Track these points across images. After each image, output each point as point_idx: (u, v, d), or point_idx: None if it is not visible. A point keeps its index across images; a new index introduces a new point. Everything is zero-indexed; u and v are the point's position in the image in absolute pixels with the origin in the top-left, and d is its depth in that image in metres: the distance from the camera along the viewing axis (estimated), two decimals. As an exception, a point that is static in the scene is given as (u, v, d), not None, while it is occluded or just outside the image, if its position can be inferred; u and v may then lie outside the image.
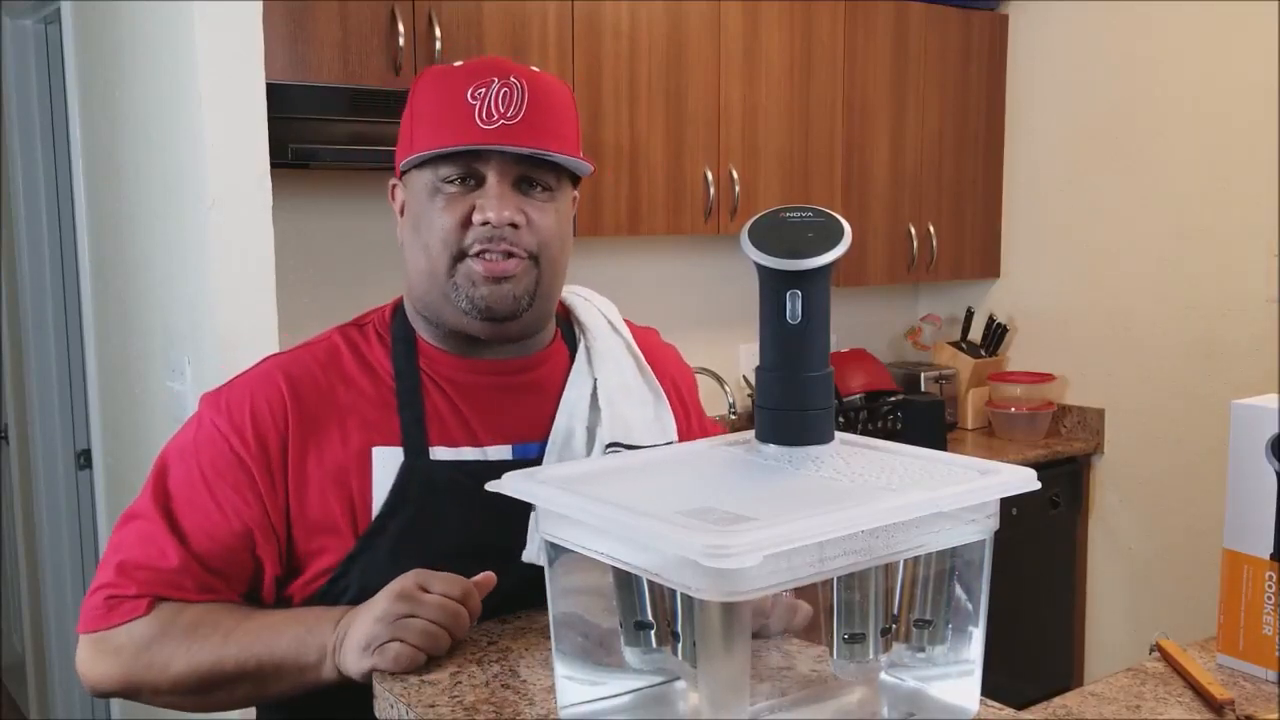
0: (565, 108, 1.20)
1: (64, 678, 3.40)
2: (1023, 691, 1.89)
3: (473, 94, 1.14)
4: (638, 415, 1.27)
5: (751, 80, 2.98)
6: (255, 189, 2.00)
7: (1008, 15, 3.56)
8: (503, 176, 1.16)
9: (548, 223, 1.19)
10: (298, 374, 1.19)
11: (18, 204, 3.34)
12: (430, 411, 1.19)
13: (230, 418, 1.16)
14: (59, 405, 3.35)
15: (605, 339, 1.31)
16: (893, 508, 0.79)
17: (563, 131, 1.18)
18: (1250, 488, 1.04)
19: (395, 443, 1.16)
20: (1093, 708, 0.98)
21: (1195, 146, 3.14)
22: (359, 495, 1.15)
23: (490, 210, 1.14)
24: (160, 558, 1.13)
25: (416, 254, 1.19)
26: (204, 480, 1.15)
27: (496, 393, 1.22)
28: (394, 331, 1.24)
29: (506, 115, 1.13)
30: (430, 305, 1.21)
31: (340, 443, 1.16)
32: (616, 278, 3.18)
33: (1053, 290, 3.52)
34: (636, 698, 0.91)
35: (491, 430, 1.20)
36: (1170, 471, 3.25)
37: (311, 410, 1.17)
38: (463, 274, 1.17)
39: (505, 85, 1.14)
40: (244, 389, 1.19)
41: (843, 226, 0.88)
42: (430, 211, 1.17)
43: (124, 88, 2.35)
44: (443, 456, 1.17)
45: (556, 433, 1.22)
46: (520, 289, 1.17)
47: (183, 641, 1.10)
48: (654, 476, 0.93)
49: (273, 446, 1.15)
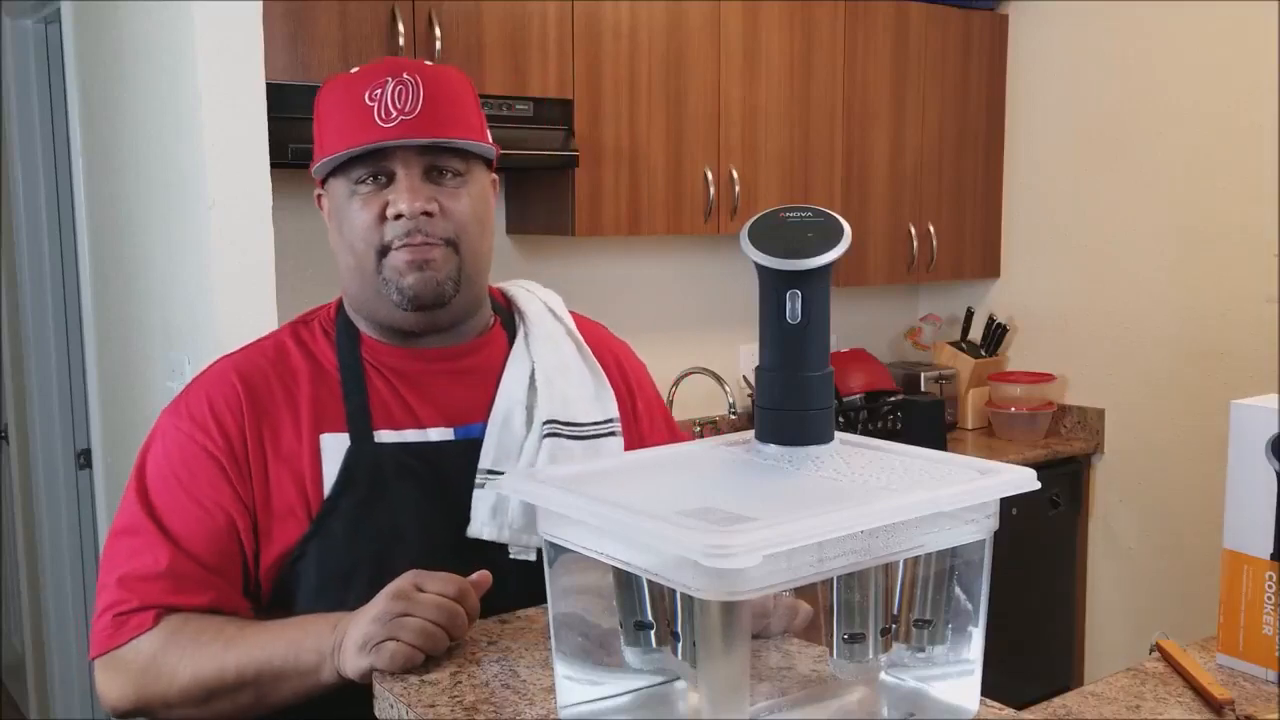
0: (463, 95, 1.24)
1: (64, 678, 3.40)
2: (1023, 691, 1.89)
3: (369, 95, 1.18)
4: (576, 393, 1.30)
5: (751, 80, 2.98)
6: (255, 189, 2.00)
7: (1008, 15, 3.56)
8: (410, 170, 1.20)
9: (461, 208, 1.23)
10: (248, 370, 1.24)
11: (18, 204, 3.34)
12: (374, 398, 1.24)
13: (192, 418, 1.22)
14: (59, 405, 3.35)
15: (544, 324, 1.35)
16: (893, 508, 0.79)
17: (463, 117, 1.22)
18: (1250, 488, 1.04)
19: (341, 429, 1.22)
20: (1093, 708, 0.98)
21: (1195, 146, 3.14)
22: (311, 481, 1.20)
23: (402, 203, 1.19)
24: (156, 564, 1.16)
25: (344, 255, 1.25)
26: (180, 483, 1.19)
27: (437, 378, 1.27)
28: (338, 325, 1.29)
29: (405, 111, 1.18)
30: (364, 303, 1.26)
31: (292, 432, 1.21)
32: (616, 278, 3.18)
33: (1053, 290, 3.52)
34: (636, 698, 0.91)
35: (433, 413, 1.25)
36: (1170, 471, 3.25)
37: (264, 404, 1.22)
38: (389, 267, 1.21)
39: (399, 83, 1.18)
40: (199, 391, 1.24)
41: (843, 226, 0.88)
42: (349, 213, 1.22)
43: (124, 88, 2.35)
44: (387, 439, 1.22)
45: (496, 413, 1.26)
46: (443, 275, 1.22)
47: (187, 651, 1.12)
48: (654, 476, 0.93)
49: (234, 436, 1.20)
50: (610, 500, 0.80)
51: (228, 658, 1.10)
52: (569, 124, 2.66)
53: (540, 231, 2.89)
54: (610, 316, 1.59)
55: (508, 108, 2.53)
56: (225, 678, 1.10)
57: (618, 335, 1.49)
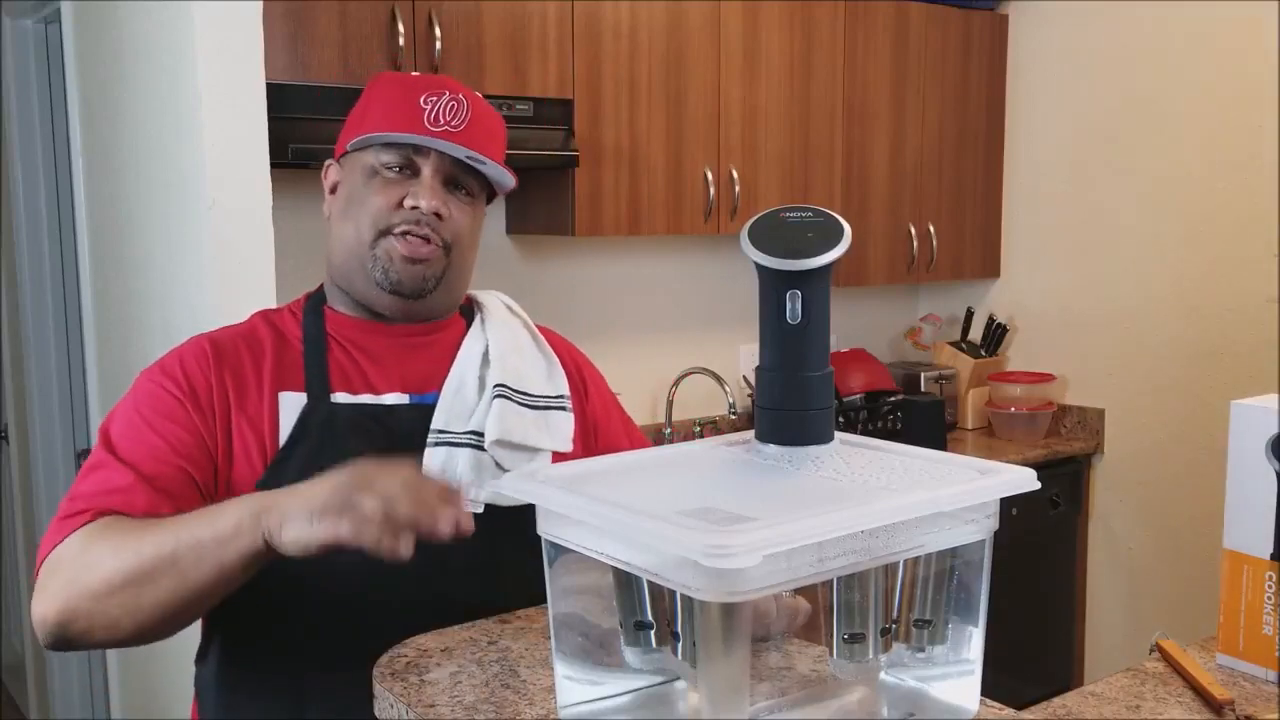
0: (499, 129, 1.37)
1: (64, 678, 3.40)
2: (1023, 691, 1.89)
3: (425, 99, 1.30)
4: (529, 370, 1.39)
5: (751, 80, 2.98)
6: (255, 189, 2.00)
7: (1008, 15, 3.56)
8: (436, 172, 1.31)
9: (464, 220, 1.34)
10: (220, 339, 1.33)
11: (18, 204, 3.34)
12: (332, 364, 1.32)
13: (162, 370, 1.30)
14: (59, 405, 3.35)
15: (501, 314, 1.44)
16: (893, 508, 0.79)
17: (494, 147, 1.34)
18: (1250, 488, 1.04)
19: (299, 389, 1.29)
20: (1093, 708, 0.98)
21: (1195, 146, 3.14)
22: (269, 434, 1.27)
23: (423, 198, 1.29)
24: (109, 481, 1.20)
25: (344, 226, 1.33)
26: (144, 420, 1.25)
27: (396, 350, 1.35)
28: (306, 306, 1.39)
29: (451, 124, 1.29)
30: (346, 275, 1.34)
31: (255, 392, 1.29)
32: (616, 278, 3.18)
33: (1053, 290, 3.52)
34: (636, 698, 0.91)
35: (390, 381, 1.33)
36: (1170, 471, 3.25)
37: (231, 364, 1.30)
38: (383, 249, 1.30)
39: (454, 100, 1.30)
40: (171, 355, 1.33)
41: (842, 226, 0.89)
42: (366, 191, 1.31)
43: (124, 88, 2.35)
44: (342, 400, 1.30)
45: (450, 381, 1.34)
46: (430, 272, 1.32)
47: (111, 540, 1.11)
48: (654, 476, 0.93)
49: (199, 385, 1.27)
50: (610, 500, 0.80)
51: (145, 540, 1.09)
52: (569, 124, 2.66)
53: (540, 231, 2.89)
54: (610, 316, 1.61)
55: (508, 108, 2.53)
56: (143, 559, 1.08)
57: (617, 336, 1.51)
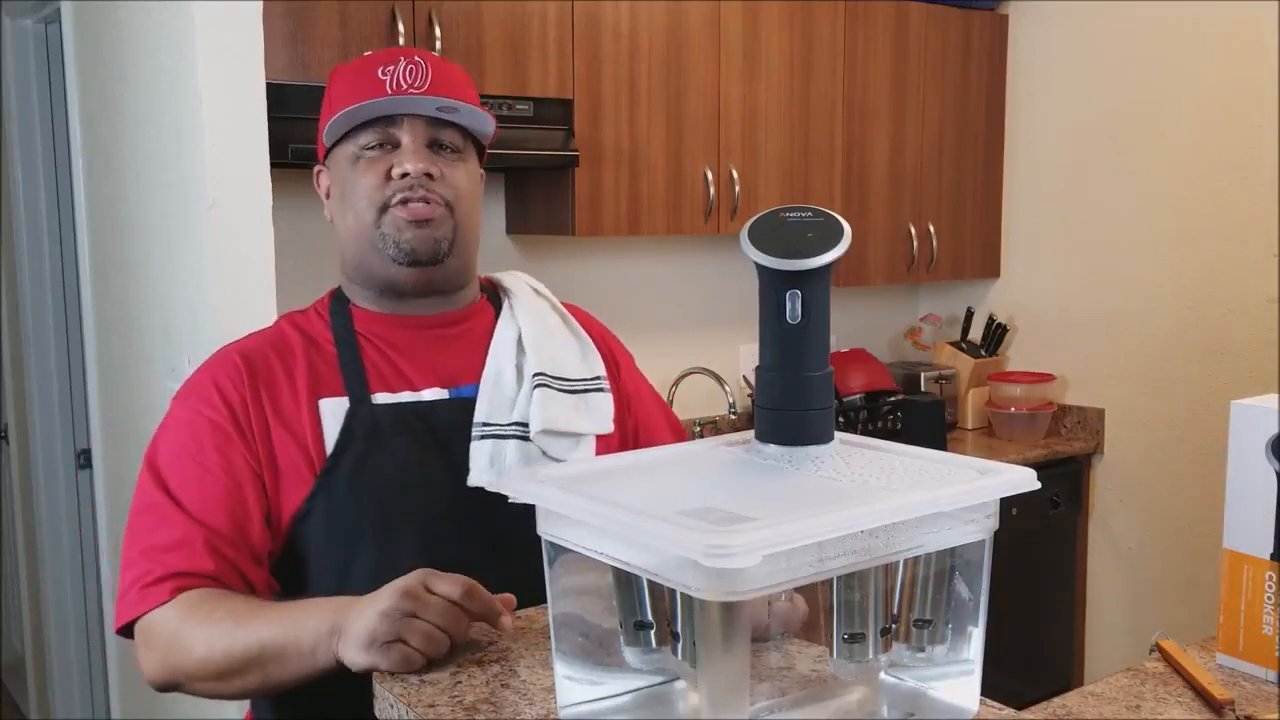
0: (464, 80, 1.35)
1: (64, 677, 3.40)
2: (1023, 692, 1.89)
3: (383, 71, 1.29)
4: (562, 354, 1.38)
5: (751, 80, 2.98)
6: (255, 189, 2.00)
7: (1008, 15, 3.56)
8: (415, 137, 1.29)
9: (458, 177, 1.32)
10: (247, 348, 1.32)
11: (18, 204, 3.34)
12: (368, 365, 1.31)
13: (198, 395, 1.28)
14: (59, 405, 3.35)
15: (528, 297, 1.43)
16: (892, 508, 0.79)
17: (465, 96, 1.32)
18: (1250, 488, 1.04)
19: (339, 393, 1.28)
20: (1093, 708, 0.98)
21: (1195, 146, 3.14)
22: (313, 443, 1.25)
23: (407, 163, 1.28)
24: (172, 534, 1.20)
25: (346, 218, 1.33)
26: (189, 454, 1.25)
27: (428, 344, 1.34)
28: (331, 307, 1.37)
29: (414, 85, 1.28)
30: (361, 264, 1.33)
31: (290, 399, 1.27)
32: (616, 278, 3.18)
33: (1053, 290, 3.52)
34: (636, 698, 0.91)
35: (427, 376, 1.32)
36: (1170, 471, 3.25)
37: (263, 374, 1.28)
38: (389, 223, 1.29)
39: (411, 63, 1.29)
40: (203, 373, 1.31)
41: (842, 226, 0.88)
42: (354, 176, 1.31)
43: (124, 88, 2.35)
44: (383, 401, 1.29)
45: (488, 372, 1.33)
46: (440, 233, 1.30)
47: (200, 627, 1.14)
48: (654, 476, 0.93)
49: (237, 405, 1.26)
50: (610, 500, 0.80)
51: (236, 636, 1.12)
52: (569, 124, 2.66)
53: (540, 231, 2.89)
54: (610, 316, 1.60)
55: (508, 108, 2.53)
56: (233, 655, 1.12)
57: (616, 335, 1.52)
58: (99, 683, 3.28)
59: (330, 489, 1.23)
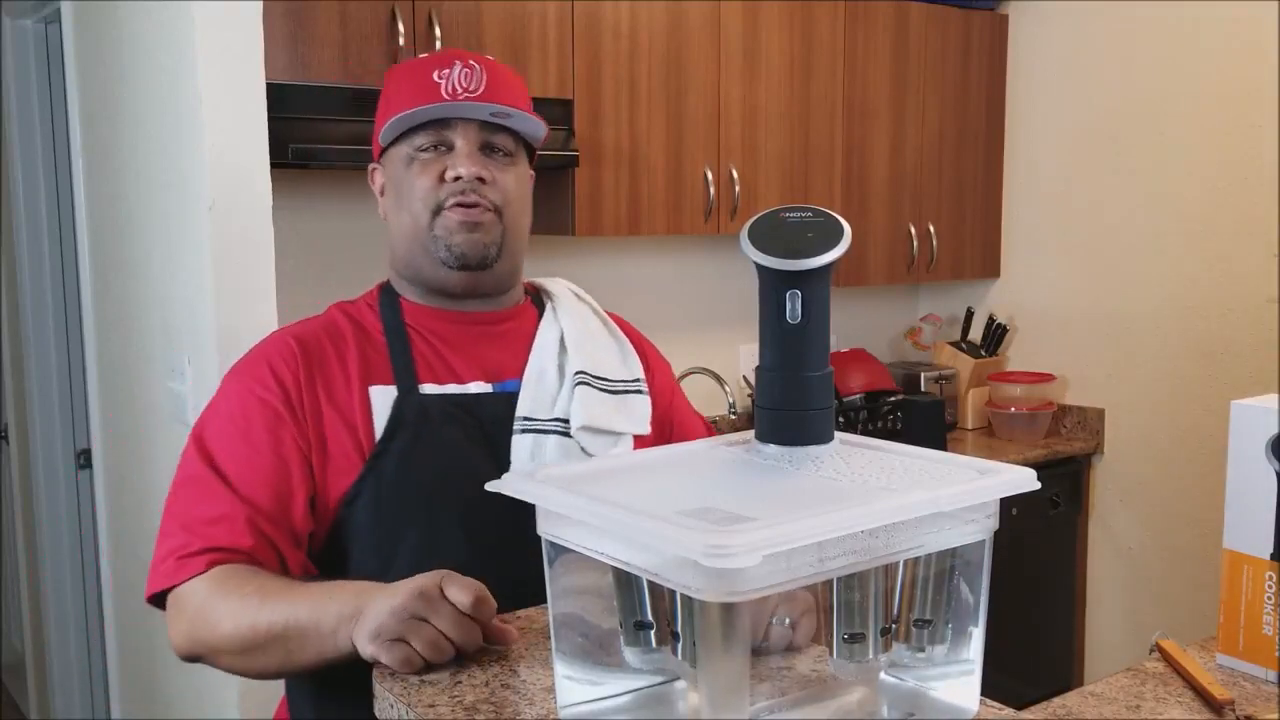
0: (518, 85, 1.38)
1: (64, 677, 3.40)
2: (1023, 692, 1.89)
3: (438, 74, 1.32)
4: (603, 355, 1.42)
5: (751, 80, 2.98)
6: (255, 189, 2.00)
7: (1008, 15, 3.56)
8: (468, 140, 1.33)
9: (509, 181, 1.36)
10: (302, 333, 1.35)
11: (18, 204, 3.34)
12: (417, 356, 1.34)
13: (251, 373, 1.31)
14: (59, 405, 3.35)
15: (570, 300, 1.47)
16: (892, 508, 0.79)
17: (518, 100, 1.36)
18: (1250, 488, 1.04)
19: (388, 382, 1.31)
20: (1093, 708, 0.98)
21: (1195, 146, 3.14)
22: (363, 427, 1.29)
23: (460, 166, 1.31)
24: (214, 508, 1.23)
25: (400, 217, 1.36)
26: (237, 430, 1.27)
27: (473, 339, 1.38)
28: (381, 299, 1.41)
29: (469, 89, 1.32)
30: (411, 263, 1.37)
31: (343, 385, 1.31)
32: (616, 278, 3.18)
33: (1053, 290, 3.52)
34: (636, 698, 0.91)
35: (472, 369, 1.36)
36: (1170, 471, 3.25)
37: (317, 358, 1.32)
38: (441, 225, 1.33)
39: (466, 67, 1.32)
40: (257, 353, 1.34)
41: (842, 226, 0.88)
42: (409, 177, 1.34)
43: (124, 88, 2.35)
44: (430, 391, 1.32)
45: (531, 369, 1.37)
46: (489, 238, 1.34)
47: (229, 602, 1.16)
48: (654, 476, 0.93)
49: (290, 386, 1.29)
50: (610, 500, 0.80)
51: (261, 612, 1.13)
52: (569, 124, 2.66)
53: (540, 231, 2.89)
54: (610, 316, 1.62)
55: (508, 108, 2.53)
56: (258, 631, 1.13)
57: None
58: (99, 683, 3.28)
59: (379, 474, 1.26)
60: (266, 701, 2.03)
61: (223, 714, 2.08)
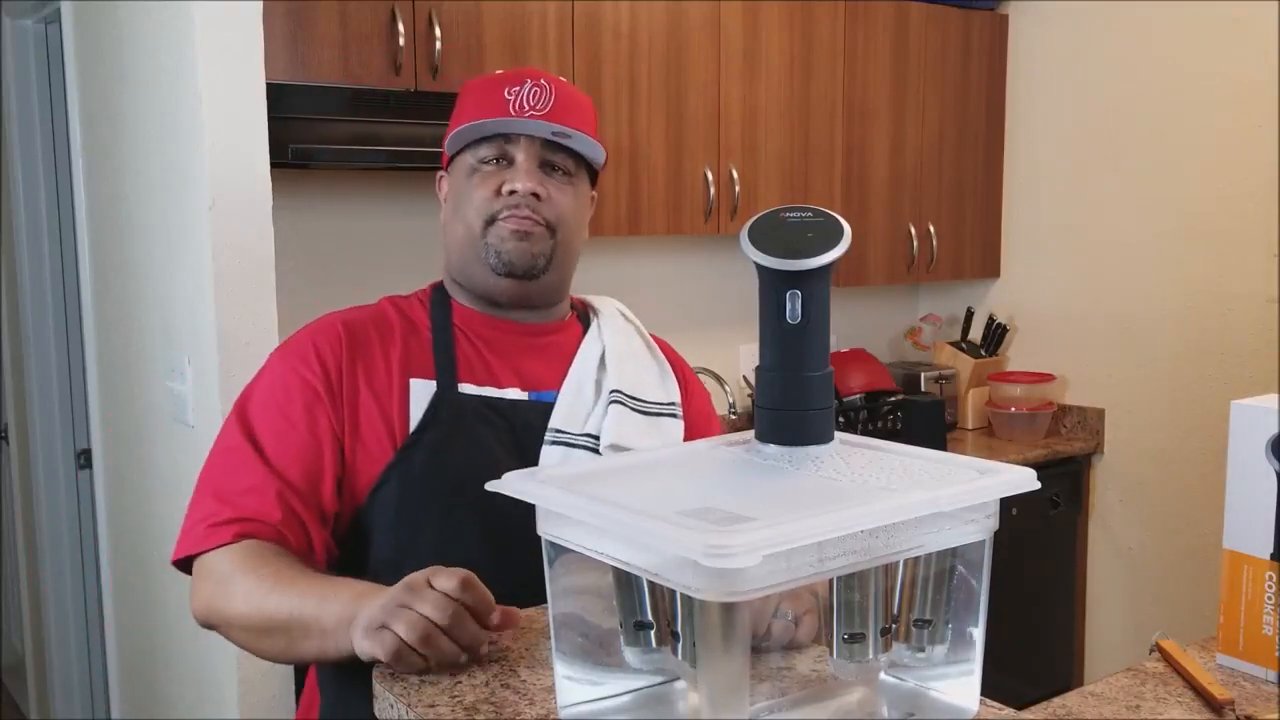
0: (585, 106, 1.41)
1: (64, 677, 3.40)
2: (1023, 691, 1.89)
3: (509, 91, 1.35)
4: (643, 376, 1.45)
5: (751, 80, 2.98)
6: (255, 189, 2.00)
7: (1008, 15, 3.56)
8: (529, 157, 1.36)
9: (565, 200, 1.38)
10: (351, 319, 1.38)
11: (18, 204, 3.34)
12: (460, 355, 1.37)
13: (297, 354, 1.34)
14: (59, 405, 3.35)
15: (616, 319, 1.50)
16: (892, 508, 0.79)
17: (583, 123, 1.38)
18: (1250, 488, 1.04)
19: (429, 376, 1.35)
20: (1093, 708, 0.98)
21: (1195, 146, 3.14)
22: (399, 417, 1.31)
23: (518, 182, 1.34)
24: (248, 479, 1.26)
25: (456, 225, 1.40)
26: (277, 406, 1.31)
27: (517, 348, 1.41)
28: (433, 297, 1.44)
29: (536, 108, 1.35)
30: (464, 269, 1.40)
31: (384, 373, 1.34)
32: (616, 278, 3.18)
33: (1053, 290, 3.52)
34: (636, 698, 0.91)
35: (511, 376, 1.38)
36: (1170, 471, 3.25)
37: (361, 345, 1.35)
38: (494, 234, 1.36)
39: (536, 85, 1.36)
40: (305, 335, 1.37)
41: (842, 226, 0.88)
42: (469, 187, 1.38)
43: (124, 88, 2.35)
44: (468, 391, 1.35)
45: (569, 382, 1.39)
46: (538, 249, 1.36)
47: (246, 581, 1.18)
48: (654, 476, 0.93)
49: (331, 368, 1.32)
50: (610, 500, 0.80)
51: (270, 598, 1.15)
52: (569, 124, 2.65)
53: (540, 231, 2.89)
54: (610, 317, 1.62)
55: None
56: (266, 615, 1.15)
57: None
58: (99, 683, 3.28)
59: (408, 464, 1.29)
60: (267, 702, 2.03)
61: (223, 714, 2.08)
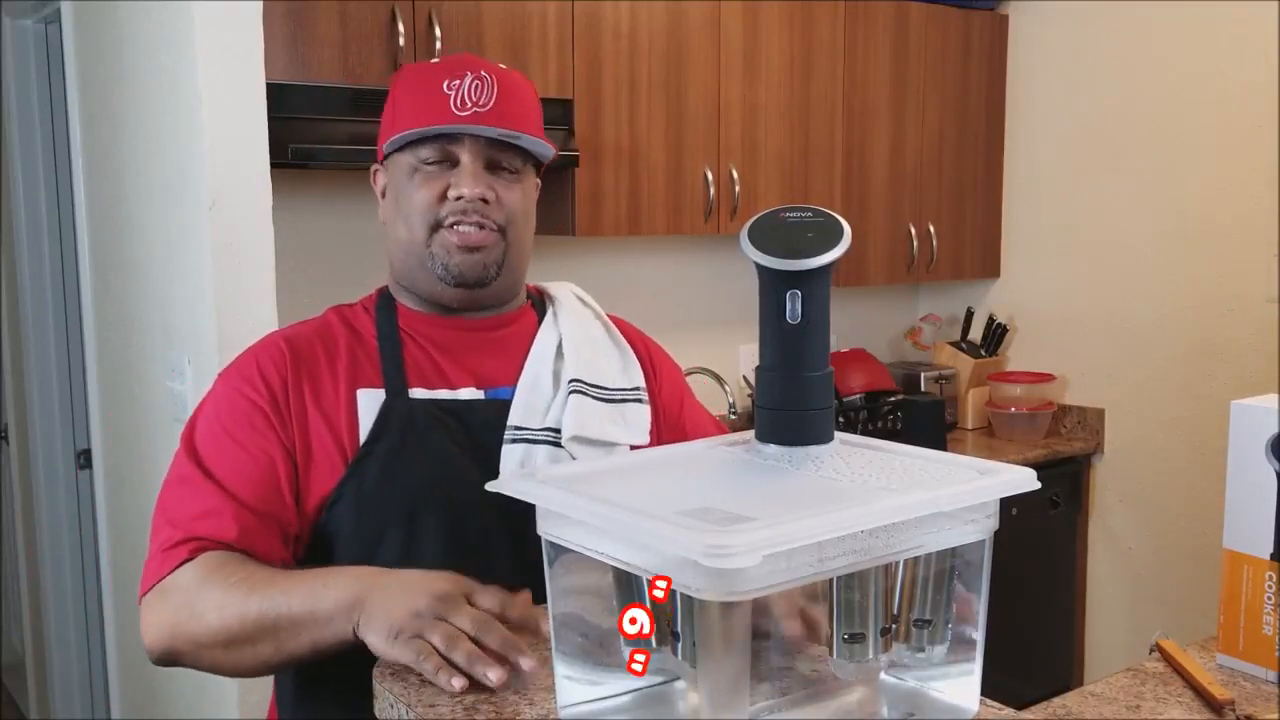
0: (530, 99, 1.34)
1: (64, 678, 3.40)
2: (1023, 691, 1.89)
3: (448, 85, 1.28)
4: (603, 362, 1.39)
5: (751, 80, 2.98)
6: (255, 189, 2.00)
7: (1008, 15, 3.56)
8: (475, 158, 1.29)
9: (514, 200, 1.32)
10: (293, 336, 1.34)
11: (18, 204, 3.34)
12: (408, 360, 1.32)
13: (240, 374, 1.30)
14: (59, 405, 3.35)
15: (572, 304, 1.44)
16: (892, 508, 0.79)
17: (528, 118, 1.32)
18: (1250, 488, 1.04)
19: (377, 385, 1.30)
20: (1093, 708, 0.98)
21: (1195, 146, 3.14)
22: (348, 430, 1.27)
23: (465, 186, 1.28)
24: (199, 502, 1.22)
25: (397, 227, 1.34)
26: (226, 431, 1.26)
27: (469, 345, 1.36)
28: (378, 303, 1.38)
29: (479, 104, 1.27)
30: (408, 274, 1.35)
31: (330, 388, 1.29)
32: (616, 278, 3.18)
33: (1053, 290, 3.52)
34: (636, 698, 0.91)
35: (464, 375, 1.33)
36: (1170, 471, 3.25)
37: (306, 362, 1.30)
38: (438, 244, 1.30)
39: (477, 78, 1.28)
40: (248, 355, 1.33)
41: (842, 226, 0.88)
42: (410, 189, 1.31)
43: (124, 88, 2.35)
44: (420, 396, 1.30)
45: (525, 376, 1.34)
46: (490, 258, 1.32)
47: (216, 592, 1.13)
48: (654, 476, 0.93)
49: (276, 388, 1.28)
50: (610, 500, 0.80)
51: (250, 603, 1.11)
52: (569, 124, 2.65)
53: (540, 231, 2.84)
54: (610, 317, 1.61)
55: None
56: (246, 621, 1.11)
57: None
58: (99, 683, 3.28)
59: (360, 477, 1.24)
60: (266, 702, 2.03)
61: (223, 714, 2.08)
